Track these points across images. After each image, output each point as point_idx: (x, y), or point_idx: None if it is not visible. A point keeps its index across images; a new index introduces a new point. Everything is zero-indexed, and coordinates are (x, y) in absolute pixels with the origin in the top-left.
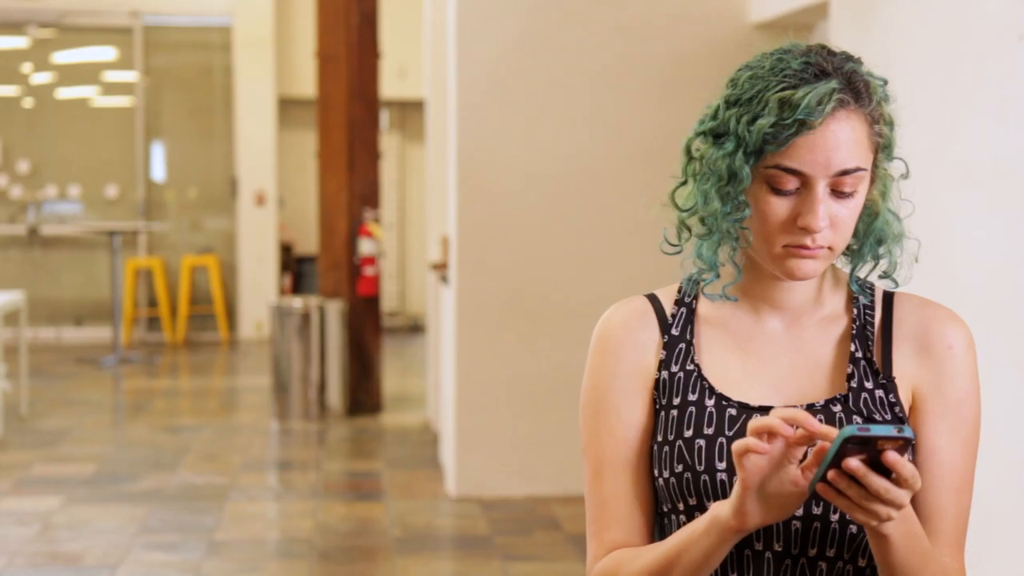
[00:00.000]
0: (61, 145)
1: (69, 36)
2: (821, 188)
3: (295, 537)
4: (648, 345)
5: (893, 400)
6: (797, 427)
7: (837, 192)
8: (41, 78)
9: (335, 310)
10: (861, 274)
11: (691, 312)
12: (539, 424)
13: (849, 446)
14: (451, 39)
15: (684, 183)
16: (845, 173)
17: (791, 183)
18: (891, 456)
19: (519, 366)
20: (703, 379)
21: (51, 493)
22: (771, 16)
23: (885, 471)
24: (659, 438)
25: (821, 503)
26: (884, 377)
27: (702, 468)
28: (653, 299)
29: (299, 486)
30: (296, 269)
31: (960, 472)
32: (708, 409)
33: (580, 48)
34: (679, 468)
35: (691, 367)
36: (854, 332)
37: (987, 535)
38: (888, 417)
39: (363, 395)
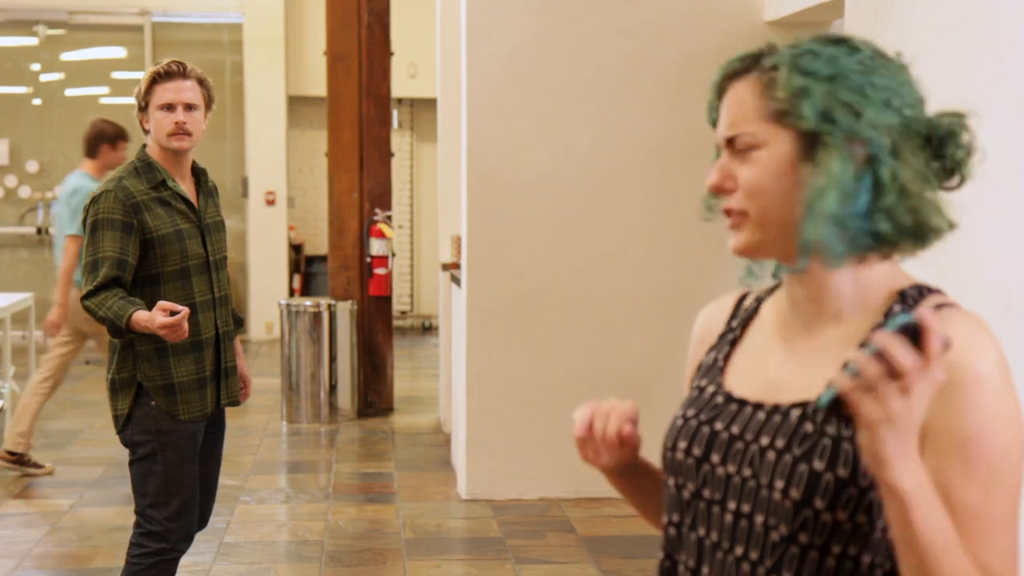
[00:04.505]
0: (70, 144)
1: (78, 35)
2: (723, 152)
3: (306, 539)
4: (710, 338)
5: None
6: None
7: (740, 156)
8: (50, 77)
9: (346, 310)
10: (825, 255)
11: (759, 307)
12: (551, 425)
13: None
14: (462, 37)
15: None
16: (731, 140)
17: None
18: (927, 318)
19: (532, 367)
20: (720, 368)
21: (60, 495)
22: (786, 13)
23: None
24: None
25: (750, 501)
26: None
27: (669, 444)
28: (743, 296)
29: (310, 488)
30: (306, 269)
31: (980, 515)
32: (705, 395)
33: (592, 46)
34: (663, 444)
35: (721, 356)
36: (864, 341)
37: None
38: (846, 433)
39: (374, 396)
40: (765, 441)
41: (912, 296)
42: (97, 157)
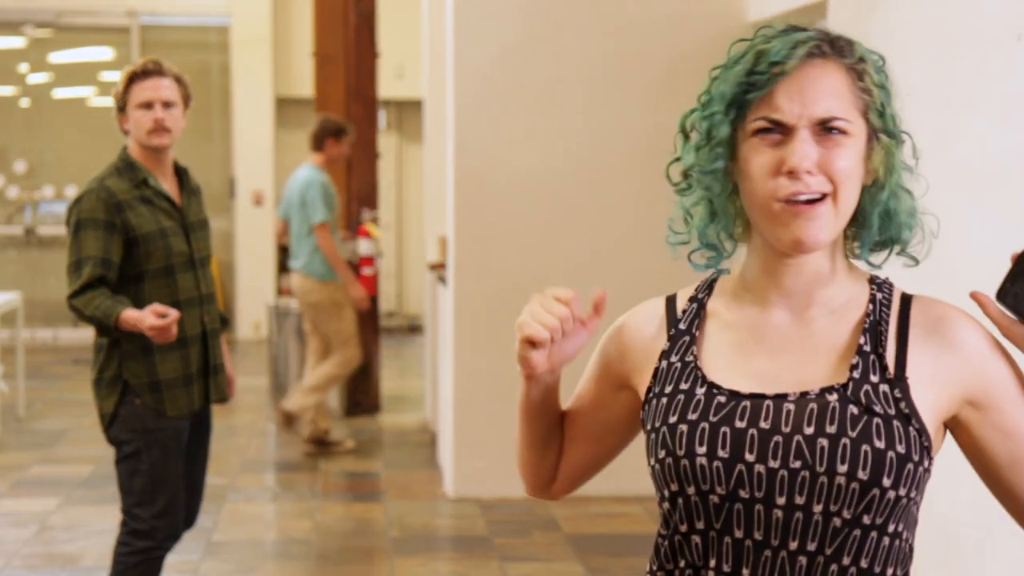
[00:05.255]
0: (58, 145)
1: (66, 36)
2: (802, 132)
3: (293, 538)
4: (651, 345)
5: (899, 396)
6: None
7: (824, 140)
8: (38, 78)
9: None
10: (874, 254)
11: (701, 307)
12: None
13: None
14: (449, 38)
15: (677, 159)
16: (825, 122)
17: (775, 135)
18: None
19: (517, 366)
20: (697, 369)
21: (48, 494)
22: (769, 15)
23: None
24: (648, 426)
25: (805, 492)
26: (896, 376)
27: (682, 453)
28: (671, 299)
29: (297, 487)
30: None
31: None
32: (697, 397)
33: (578, 47)
34: (662, 454)
35: (689, 358)
36: (866, 326)
37: (989, 528)
38: (891, 412)
39: (361, 396)
40: (810, 431)
41: (886, 284)
42: (323, 150)
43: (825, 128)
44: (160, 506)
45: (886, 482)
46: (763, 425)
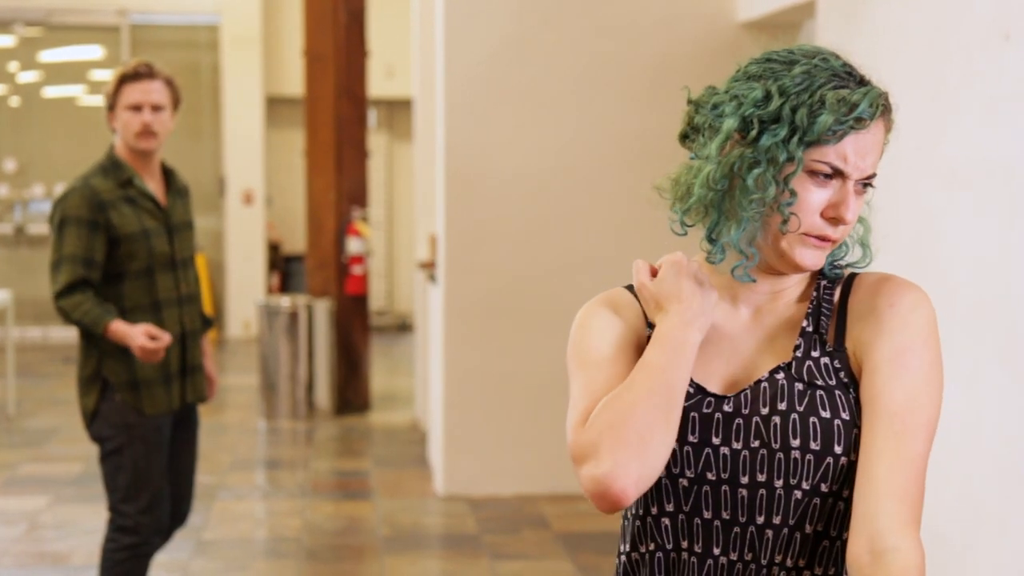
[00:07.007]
0: (48, 144)
1: (56, 34)
2: (852, 184)
3: (283, 536)
4: (636, 325)
5: (839, 366)
6: None
7: (858, 190)
8: (28, 77)
9: (323, 309)
10: (840, 263)
11: None
12: (527, 423)
13: None
14: (439, 38)
15: (717, 162)
16: (869, 178)
17: (827, 173)
18: None
19: (507, 364)
20: None
21: (38, 493)
22: (758, 15)
23: None
24: None
25: (765, 469)
26: (833, 348)
27: None
28: (632, 290)
29: (287, 485)
30: (284, 268)
31: (903, 418)
32: None
33: (568, 47)
34: None
35: None
36: (809, 311)
37: (975, 527)
38: (832, 382)
39: (351, 394)
40: (765, 411)
41: (833, 269)
42: None
43: (864, 184)
44: (145, 502)
45: (837, 449)
46: (726, 409)
